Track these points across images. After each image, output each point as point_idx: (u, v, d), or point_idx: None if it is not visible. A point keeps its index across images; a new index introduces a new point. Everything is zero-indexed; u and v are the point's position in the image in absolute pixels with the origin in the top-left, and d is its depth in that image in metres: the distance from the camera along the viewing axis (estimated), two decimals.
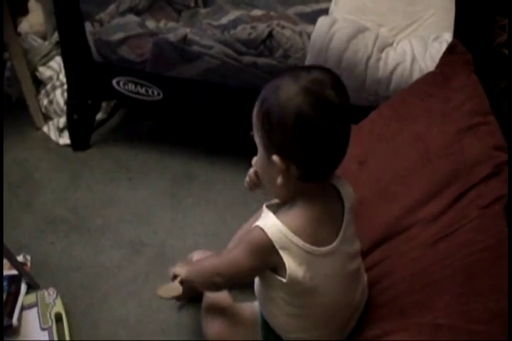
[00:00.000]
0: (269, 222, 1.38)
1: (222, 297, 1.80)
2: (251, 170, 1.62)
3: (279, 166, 1.34)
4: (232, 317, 1.69)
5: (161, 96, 2.34)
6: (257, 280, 1.57)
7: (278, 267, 1.40)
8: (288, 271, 1.38)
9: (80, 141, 2.58)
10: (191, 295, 1.86)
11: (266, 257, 1.40)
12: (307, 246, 1.38)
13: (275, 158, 1.33)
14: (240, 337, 1.65)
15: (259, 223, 1.39)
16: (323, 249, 1.40)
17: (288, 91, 1.30)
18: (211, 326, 1.69)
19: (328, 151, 1.36)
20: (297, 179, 1.37)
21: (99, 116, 2.67)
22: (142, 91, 2.35)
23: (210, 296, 1.79)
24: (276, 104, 1.31)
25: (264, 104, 1.35)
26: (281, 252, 1.37)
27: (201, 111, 2.42)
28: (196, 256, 1.88)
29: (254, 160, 1.49)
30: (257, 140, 1.40)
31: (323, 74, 1.33)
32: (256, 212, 2.18)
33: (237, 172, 2.41)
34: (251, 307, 1.69)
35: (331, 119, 1.32)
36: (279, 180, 1.36)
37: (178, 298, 1.82)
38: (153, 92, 2.34)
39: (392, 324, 1.42)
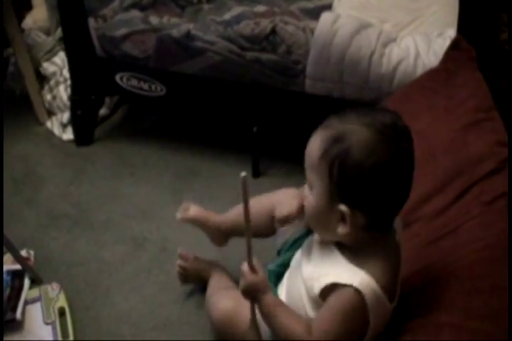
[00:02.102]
0: (363, 281, 1.27)
1: (228, 280, 1.82)
2: (294, 205, 1.51)
3: (345, 215, 1.26)
4: (238, 297, 1.69)
5: (164, 91, 2.35)
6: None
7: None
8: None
9: (84, 136, 2.59)
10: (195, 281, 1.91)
11: (359, 321, 1.30)
12: (387, 305, 1.32)
13: (343, 207, 1.25)
14: (246, 315, 1.63)
15: (352, 282, 1.27)
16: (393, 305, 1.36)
17: (363, 139, 1.22)
18: (217, 305, 1.68)
19: (398, 199, 1.30)
20: (362, 228, 1.28)
21: (102, 111, 2.68)
22: (145, 86, 2.35)
23: (215, 280, 1.81)
24: (351, 152, 1.22)
25: (334, 150, 1.23)
26: (370, 315, 1.29)
27: (204, 107, 2.42)
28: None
29: (297, 192, 1.45)
30: (317, 185, 1.30)
31: (393, 118, 1.27)
32: None
33: (240, 168, 2.40)
34: None
35: (405, 167, 1.28)
36: (343, 229, 1.28)
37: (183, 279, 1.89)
38: (156, 88, 2.35)
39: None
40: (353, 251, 1.33)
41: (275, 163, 2.46)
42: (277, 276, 1.65)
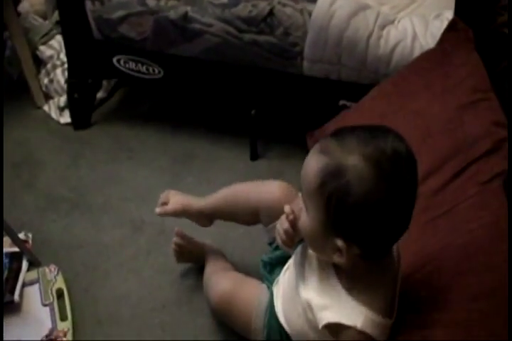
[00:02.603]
0: (366, 319, 1.27)
1: (224, 262, 1.83)
2: (285, 225, 1.38)
3: (341, 248, 1.23)
4: (236, 278, 1.70)
5: (162, 74, 2.34)
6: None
7: None
8: None
9: (81, 119, 2.58)
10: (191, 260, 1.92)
11: None
12: (389, 324, 1.32)
13: (339, 242, 1.22)
14: (244, 296, 1.64)
15: (356, 323, 1.27)
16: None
17: (363, 175, 1.16)
18: (215, 287, 1.70)
19: (397, 231, 1.26)
20: (359, 257, 1.26)
21: (99, 95, 2.67)
22: (143, 69, 2.35)
23: (212, 262, 1.83)
24: (350, 189, 1.16)
25: (332, 184, 1.18)
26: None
27: (202, 90, 2.41)
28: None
29: (288, 209, 1.36)
30: (313, 212, 1.25)
31: (395, 146, 1.20)
32: None
33: (238, 151, 2.42)
34: (256, 282, 1.69)
35: (406, 201, 1.22)
36: (338, 258, 1.25)
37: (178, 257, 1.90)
38: (153, 70, 2.34)
39: None
40: (350, 276, 1.31)
41: (273, 145, 2.46)
42: (271, 265, 1.67)
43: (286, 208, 1.36)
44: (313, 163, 1.22)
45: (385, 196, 1.17)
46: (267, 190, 1.72)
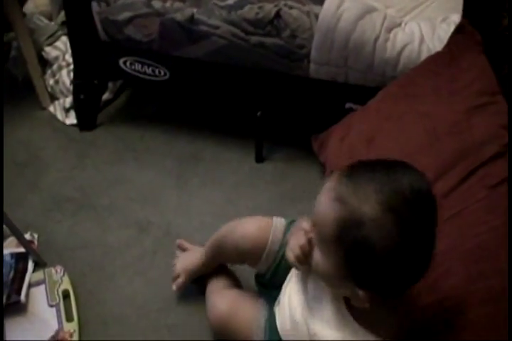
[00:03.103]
0: None
1: (226, 279, 1.82)
2: (302, 241, 1.30)
3: (360, 296, 1.22)
4: (234, 298, 1.70)
5: (168, 76, 2.34)
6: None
7: None
8: None
9: (87, 120, 2.58)
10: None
11: None
12: None
13: (359, 291, 1.21)
14: (242, 317, 1.63)
15: None
16: None
17: (382, 226, 1.13)
18: (213, 308, 1.69)
19: (417, 275, 1.22)
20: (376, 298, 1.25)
21: (105, 96, 2.67)
22: (149, 71, 2.35)
23: (214, 280, 1.82)
24: (369, 241, 1.13)
25: (349, 236, 1.15)
26: None
27: (208, 91, 2.41)
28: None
29: (306, 226, 1.30)
30: (328, 256, 1.22)
31: (415, 186, 1.16)
32: (262, 193, 2.21)
33: (244, 153, 2.43)
34: (254, 300, 1.68)
35: (427, 246, 1.20)
36: (354, 301, 1.26)
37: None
38: (159, 72, 2.34)
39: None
40: (362, 310, 1.28)
41: (279, 148, 2.46)
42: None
43: (304, 224, 1.31)
44: (328, 210, 1.18)
45: (405, 244, 1.14)
46: (240, 235, 1.64)
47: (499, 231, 1.51)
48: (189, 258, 1.87)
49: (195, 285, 1.88)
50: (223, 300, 1.69)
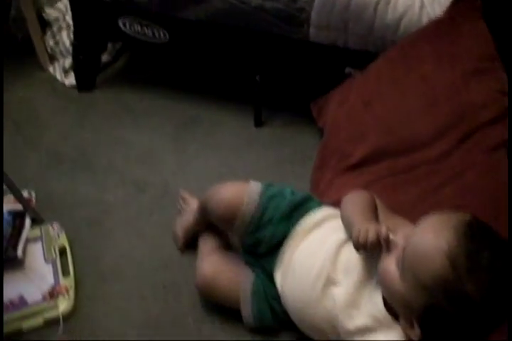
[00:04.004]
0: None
1: (214, 242, 1.84)
2: (373, 232, 1.36)
3: (416, 334, 1.29)
4: (218, 263, 1.72)
5: (167, 38, 2.34)
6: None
7: None
8: None
9: (86, 81, 2.58)
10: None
11: None
12: None
13: (418, 331, 1.27)
14: (224, 282, 1.67)
15: None
16: None
17: (474, 302, 1.19)
18: (198, 271, 1.71)
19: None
20: None
21: (104, 58, 2.67)
22: (148, 32, 2.34)
23: (202, 242, 1.85)
24: (455, 308, 1.21)
25: (442, 299, 1.21)
26: None
27: (207, 55, 2.40)
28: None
29: (384, 231, 1.35)
30: (407, 289, 1.27)
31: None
32: (260, 157, 2.21)
33: (242, 117, 2.43)
34: (239, 267, 1.71)
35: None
36: (406, 329, 1.31)
37: None
38: (159, 34, 2.34)
39: None
40: None
41: (277, 113, 2.46)
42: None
43: (383, 230, 1.35)
44: (434, 265, 1.21)
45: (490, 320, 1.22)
46: (215, 201, 1.67)
47: (495, 197, 1.53)
48: (184, 218, 1.91)
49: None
50: (207, 266, 1.71)
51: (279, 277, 1.59)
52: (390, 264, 1.32)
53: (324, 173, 1.93)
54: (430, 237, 1.24)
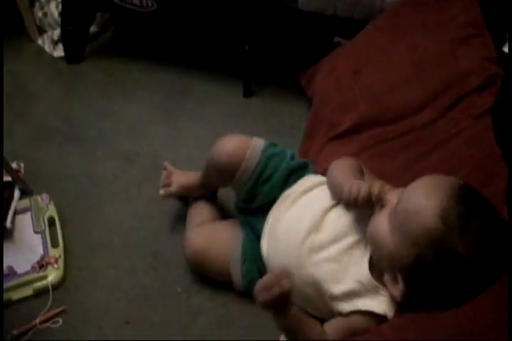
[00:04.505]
0: (392, 308, 1.36)
1: (205, 211, 1.84)
2: (365, 188, 1.38)
3: (400, 289, 1.30)
4: (209, 234, 1.72)
5: (155, 7, 2.31)
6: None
7: None
8: None
9: (74, 53, 2.56)
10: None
11: None
12: None
13: (401, 286, 1.30)
14: (216, 253, 1.67)
15: (386, 312, 1.36)
16: None
17: (463, 261, 1.21)
18: (189, 242, 1.71)
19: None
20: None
21: (92, 29, 2.65)
22: (136, 1, 2.32)
23: (192, 212, 1.85)
24: (443, 266, 1.22)
25: (430, 256, 1.23)
26: None
27: (195, 24, 2.39)
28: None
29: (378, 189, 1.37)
30: (396, 245, 1.28)
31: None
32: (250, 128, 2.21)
33: (232, 88, 2.42)
34: (229, 231, 1.72)
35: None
36: (391, 288, 1.32)
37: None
38: (147, 3, 2.32)
39: None
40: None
41: (267, 84, 2.45)
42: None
43: (376, 185, 1.38)
44: (425, 218, 1.23)
45: (478, 277, 1.22)
46: (218, 150, 1.67)
47: (482, 165, 1.53)
48: (186, 175, 1.88)
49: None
50: (196, 236, 1.72)
51: (264, 244, 1.59)
52: (380, 220, 1.33)
53: (313, 143, 1.93)
54: (424, 194, 1.26)
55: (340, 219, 1.46)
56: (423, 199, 1.25)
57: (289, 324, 1.35)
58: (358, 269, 1.40)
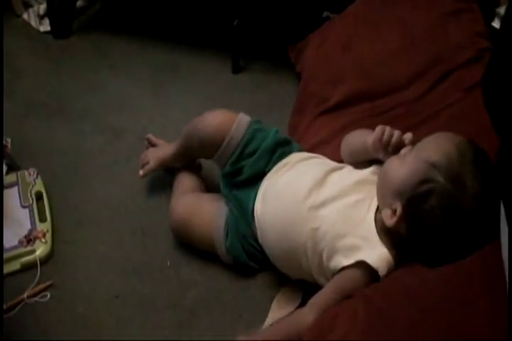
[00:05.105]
0: (390, 264, 1.36)
1: (190, 180, 1.83)
2: (389, 132, 1.44)
3: (397, 215, 1.33)
4: (193, 203, 1.72)
5: None
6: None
7: None
8: None
9: (61, 28, 2.54)
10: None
11: None
12: None
13: (399, 210, 1.33)
14: (199, 222, 1.67)
15: (379, 267, 1.35)
16: None
17: (470, 191, 1.25)
18: (173, 210, 1.72)
19: (454, 250, 1.28)
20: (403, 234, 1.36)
21: (79, 3, 2.62)
22: None
23: (177, 181, 1.85)
24: (451, 200, 1.26)
25: (436, 191, 1.27)
26: None
27: None
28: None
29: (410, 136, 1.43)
30: (405, 170, 1.34)
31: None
32: (238, 103, 2.19)
33: (221, 63, 2.40)
34: (213, 204, 1.71)
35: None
36: (386, 218, 1.35)
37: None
38: None
39: None
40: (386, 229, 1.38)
41: (256, 59, 2.44)
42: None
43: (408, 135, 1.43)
44: (443, 147, 1.31)
45: (475, 217, 1.26)
46: (204, 123, 1.68)
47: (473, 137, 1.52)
48: (162, 149, 1.88)
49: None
50: (181, 204, 1.72)
51: (258, 206, 1.59)
52: (396, 160, 1.38)
53: (303, 117, 1.92)
54: (441, 138, 1.35)
55: (343, 179, 1.49)
56: (441, 140, 1.34)
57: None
58: (362, 225, 1.40)
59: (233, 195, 1.66)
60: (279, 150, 1.64)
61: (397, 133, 1.41)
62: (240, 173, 1.64)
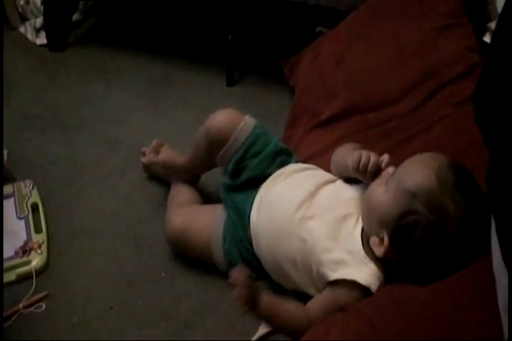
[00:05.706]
0: (379, 281, 1.37)
1: (185, 193, 1.85)
2: (374, 158, 1.43)
3: (384, 247, 1.35)
4: (188, 215, 1.74)
5: None
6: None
7: None
8: None
9: (57, 41, 2.56)
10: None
11: None
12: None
13: (386, 241, 1.34)
14: (195, 234, 1.69)
15: (370, 285, 1.36)
16: None
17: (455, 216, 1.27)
18: (169, 223, 1.73)
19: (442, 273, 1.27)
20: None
21: (75, 17, 2.64)
22: None
23: (172, 193, 1.87)
24: (436, 227, 1.27)
25: (421, 213, 1.28)
26: None
27: (180, 13, 2.39)
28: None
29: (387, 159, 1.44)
30: (390, 201, 1.34)
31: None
32: None
33: (215, 77, 2.42)
34: (210, 213, 1.73)
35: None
36: (375, 246, 1.37)
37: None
38: None
39: None
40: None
41: (250, 73, 2.46)
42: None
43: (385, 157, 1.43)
44: (422, 176, 1.30)
45: (464, 241, 1.27)
46: (211, 123, 1.71)
47: (463, 153, 1.54)
48: (177, 153, 1.92)
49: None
50: (178, 216, 1.73)
51: (254, 213, 1.61)
52: (377, 185, 1.40)
53: (296, 130, 1.94)
54: (421, 163, 1.34)
55: (334, 193, 1.51)
56: (420, 167, 1.33)
57: (265, 312, 1.39)
58: (349, 239, 1.42)
59: (231, 199, 1.68)
60: (280, 158, 1.67)
61: (373, 158, 1.41)
62: (240, 174, 1.66)
